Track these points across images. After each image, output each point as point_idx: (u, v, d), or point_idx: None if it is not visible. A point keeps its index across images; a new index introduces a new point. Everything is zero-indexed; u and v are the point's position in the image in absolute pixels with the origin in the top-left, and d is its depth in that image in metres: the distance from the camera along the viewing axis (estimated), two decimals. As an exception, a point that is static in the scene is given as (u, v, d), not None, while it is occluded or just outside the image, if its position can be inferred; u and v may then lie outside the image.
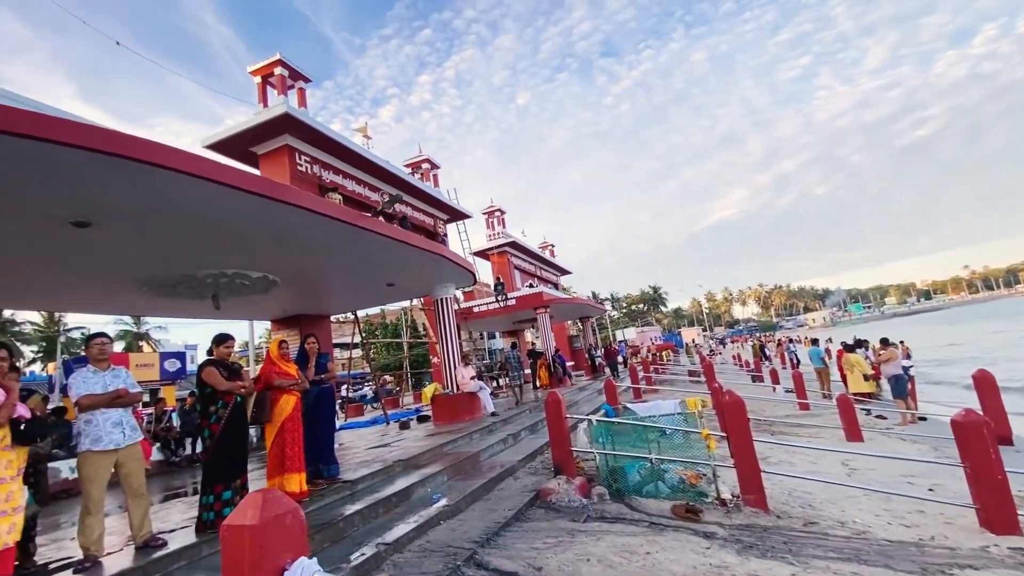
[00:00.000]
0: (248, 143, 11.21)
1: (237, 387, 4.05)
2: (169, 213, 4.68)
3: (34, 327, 31.26)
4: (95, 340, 3.68)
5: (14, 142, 3.14)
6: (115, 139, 3.46)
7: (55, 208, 4.25)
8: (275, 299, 9.01)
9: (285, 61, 11.49)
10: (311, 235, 6.01)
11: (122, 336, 33.72)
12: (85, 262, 5.79)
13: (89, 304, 8.86)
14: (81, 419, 3.43)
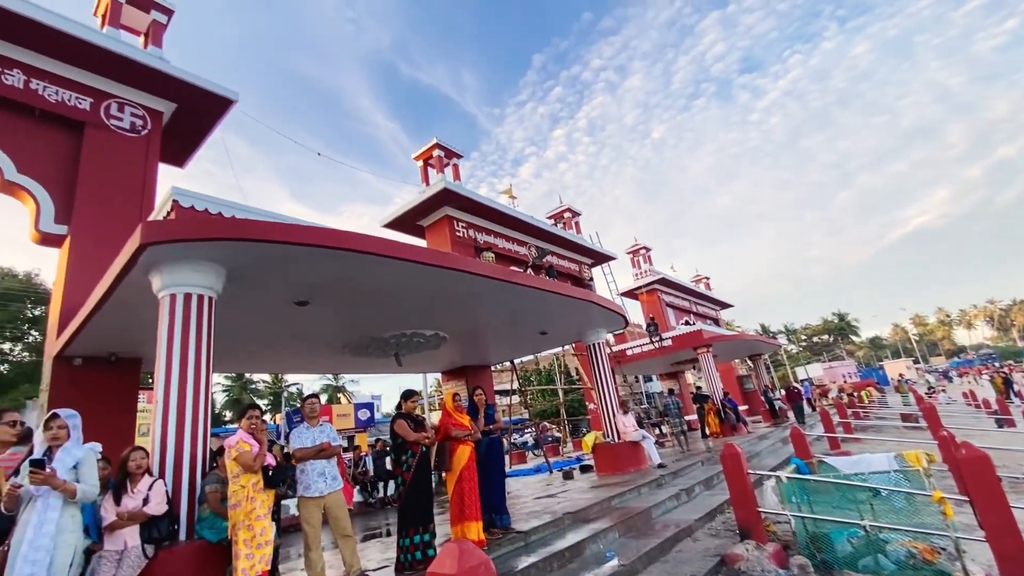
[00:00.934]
0: (416, 218, 12.84)
1: (422, 438, 4.50)
2: (365, 288, 5.56)
3: (265, 384, 38.62)
4: (308, 400, 4.45)
5: (267, 247, 4.10)
6: (331, 235, 4.29)
7: (286, 292, 5.37)
8: (445, 353, 9.90)
9: (441, 144, 13.10)
10: (473, 293, 6.58)
11: (325, 389, 39.86)
12: (302, 332, 7.11)
13: (303, 365, 10.74)
14: (297, 468, 4.15)
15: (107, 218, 6.92)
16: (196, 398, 4.10)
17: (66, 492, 3.12)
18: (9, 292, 23.06)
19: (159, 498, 3.59)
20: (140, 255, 3.97)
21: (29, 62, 6.89)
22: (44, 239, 6.72)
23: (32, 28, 6.68)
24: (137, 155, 7.55)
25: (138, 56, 7.55)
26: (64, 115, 7.06)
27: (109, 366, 6.59)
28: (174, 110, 8.19)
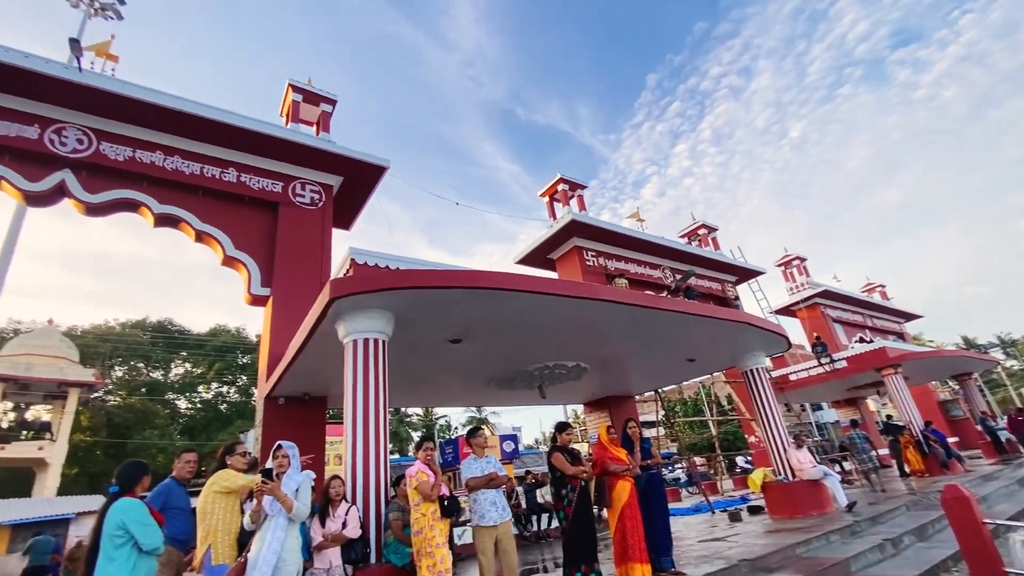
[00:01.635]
0: (546, 251, 13.17)
1: (580, 472, 4.46)
2: (510, 323, 5.81)
3: (418, 417, 41.79)
4: (479, 432, 4.68)
5: (427, 292, 4.53)
6: (480, 277, 4.60)
7: (441, 331, 5.82)
8: (586, 383, 9.81)
9: (565, 178, 13.40)
10: (611, 322, 6.47)
11: (470, 421, 41.79)
12: (454, 368, 7.60)
13: (453, 399, 11.43)
14: (470, 498, 4.34)
15: (297, 279, 8.27)
16: (377, 431, 4.59)
17: (285, 505, 3.64)
18: (225, 345, 28.50)
19: (354, 523, 4.03)
20: (330, 308, 4.65)
21: (240, 160, 8.68)
22: (254, 300, 8.24)
23: (242, 134, 8.44)
24: (316, 224, 8.97)
25: (315, 143, 9.08)
26: (264, 199, 8.71)
27: (303, 404, 7.72)
28: (341, 182, 9.61)
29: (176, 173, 8.01)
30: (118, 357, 25.95)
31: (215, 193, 8.33)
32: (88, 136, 7.54)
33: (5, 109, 7.10)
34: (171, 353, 28.05)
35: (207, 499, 3.87)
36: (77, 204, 7.51)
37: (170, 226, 8.14)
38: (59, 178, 7.30)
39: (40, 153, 7.18)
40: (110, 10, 14.16)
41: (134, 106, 7.66)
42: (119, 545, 2.94)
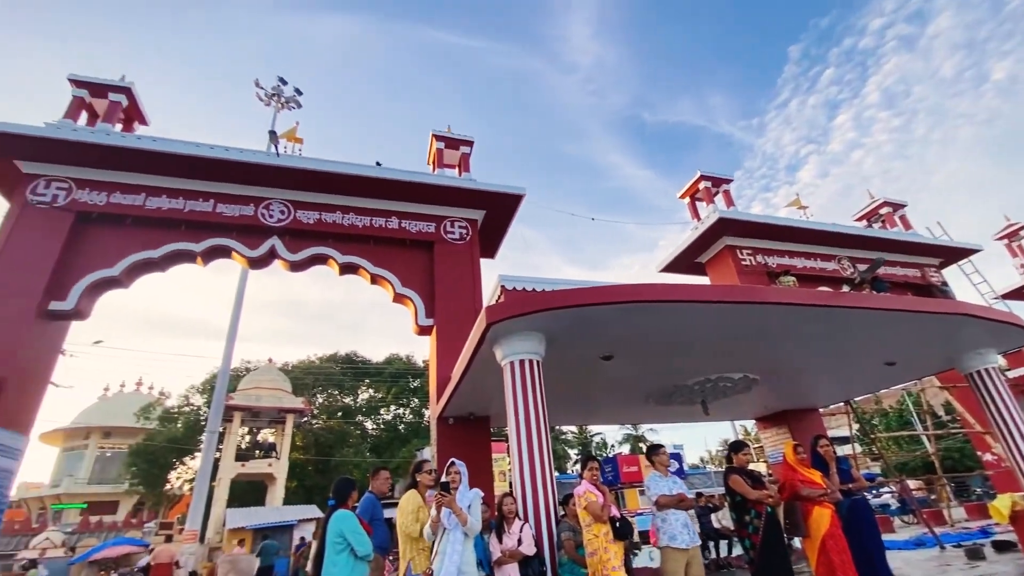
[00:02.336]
0: (692, 256, 12.39)
1: (764, 496, 4.02)
2: (665, 336, 5.56)
3: (572, 435, 41.82)
4: (661, 450, 4.51)
5: (578, 311, 4.59)
6: (630, 291, 4.53)
7: (592, 349, 5.80)
8: (757, 396, 8.88)
9: (706, 175, 12.56)
10: (781, 326, 5.78)
11: (626, 439, 40.53)
12: (607, 385, 7.48)
13: (608, 417, 11.22)
14: (658, 517, 4.14)
15: (454, 309, 8.99)
16: (540, 450, 4.70)
17: (460, 519, 3.87)
18: (398, 371, 31.99)
19: (529, 540, 4.15)
20: (487, 333, 4.96)
21: (399, 209, 9.82)
22: (421, 331, 9.15)
23: (399, 186, 9.57)
24: (466, 257, 9.70)
25: (459, 183, 9.92)
26: (421, 239, 9.70)
27: (469, 423, 8.27)
28: (484, 215, 10.29)
29: (352, 227, 9.37)
30: (319, 387, 30.82)
31: (383, 240, 9.53)
32: (287, 207, 9.23)
33: (231, 195, 9.05)
34: (357, 381, 32.40)
35: (407, 519, 4.22)
36: (283, 263, 9.20)
37: (351, 273, 9.50)
38: (270, 244, 9.04)
39: (256, 226, 8.99)
40: (292, 103, 17.34)
41: (318, 177, 9.19)
42: (339, 551, 3.44)
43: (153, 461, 25.09)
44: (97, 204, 8.30)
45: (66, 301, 7.69)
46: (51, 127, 8.22)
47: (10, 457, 7.09)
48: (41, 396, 7.89)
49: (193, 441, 25.16)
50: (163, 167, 8.63)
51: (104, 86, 9.25)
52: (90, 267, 8.00)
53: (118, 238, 8.32)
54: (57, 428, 31.75)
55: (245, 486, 24.30)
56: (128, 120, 9.67)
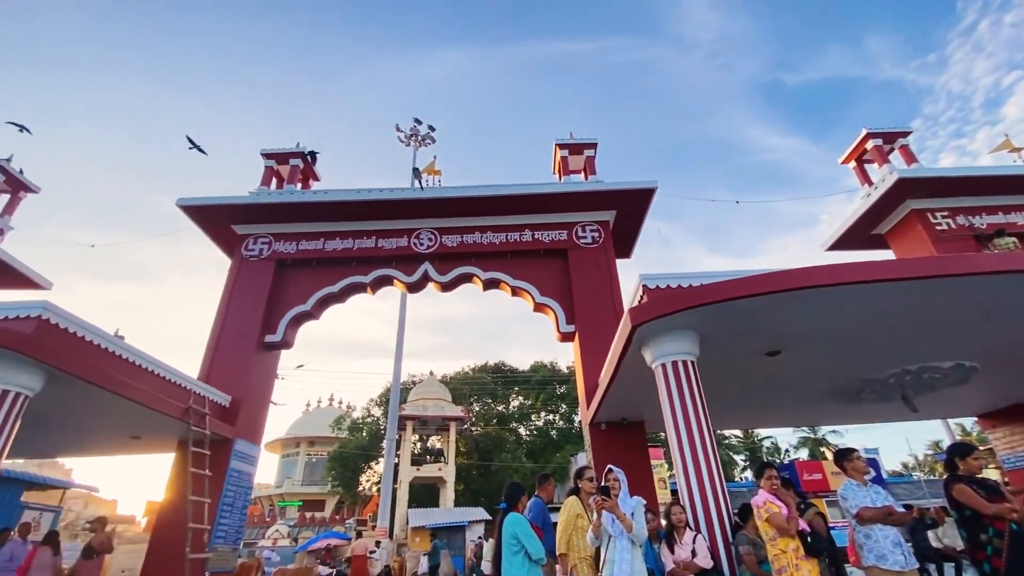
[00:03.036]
0: (867, 227, 10.66)
1: (1007, 510, 3.25)
2: (847, 324, 4.86)
3: (737, 439, 38.40)
4: (854, 455, 3.95)
5: (735, 304, 4.26)
6: (800, 276, 4.06)
7: (754, 345, 5.30)
8: (977, 388, 7.26)
9: (874, 131, 10.75)
10: (1008, 301, 4.65)
11: (803, 443, 35.95)
12: (775, 383, 6.74)
13: (778, 419, 10.06)
14: (860, 532, 3.60)
15: (595, 313, 8.95)
16: (706, 456, 4.42)
17: (625, 525, 3.77)
18: (544, 378, 32.74)
19: (704, 552, 3.92)
20: (633, 335, 4.84)
21: (531, 222, 10.14)
22: (563, 337, 9.27)
23: (529, 200, 9.90)
24: (601, 260, 9.62)
25: (586, 187, 9.92)
26: (555, 248, 9.88)
27: (622, 429, 8.11)
28: (615, 215, 10.11)
29: (490, 245, 9.92)
30: (474, 396, 32.98)
31: (519, 253, 9.91)
32: (434, 234, 10.12)
33: (388, 230, 10.22)
34: (507, 389, 33.95)
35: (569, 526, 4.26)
36: (435, 284, 10.08)
37: (494, 288, 10.04)
38: (423, 269, 9.98)
39: (410, 255, 10.00)
40: (428, 139, 19.00)
41: (457, 203, 9.94)
42: (515, 552, 3.62)
43: (347, 465, 29.10)
44: (290, 252, 10.02)
45: (276, 334, 9.38)
46: (254, 195, 10.17)
47: (249, 463, 8.84)
48: (266, 413, 9.71)
49: (376, 448, 28.63)
50: (334, 214, 10.10)
51: (285, 154, 11.17)
52: (290, 304, 9.66)
53: (307, 278, 9.93)
54: (276, 439, 38.65)
55: (421, 488, 26.87)
56: (305, 179, 11.52)
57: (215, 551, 7.50)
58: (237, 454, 8.33)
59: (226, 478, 7.98)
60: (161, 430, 7.55)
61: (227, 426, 8.14)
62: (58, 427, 7.34)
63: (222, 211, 9.96)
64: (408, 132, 18.62)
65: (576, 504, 4.35)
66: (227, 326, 9.21)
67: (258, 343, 9.19)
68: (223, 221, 10.13)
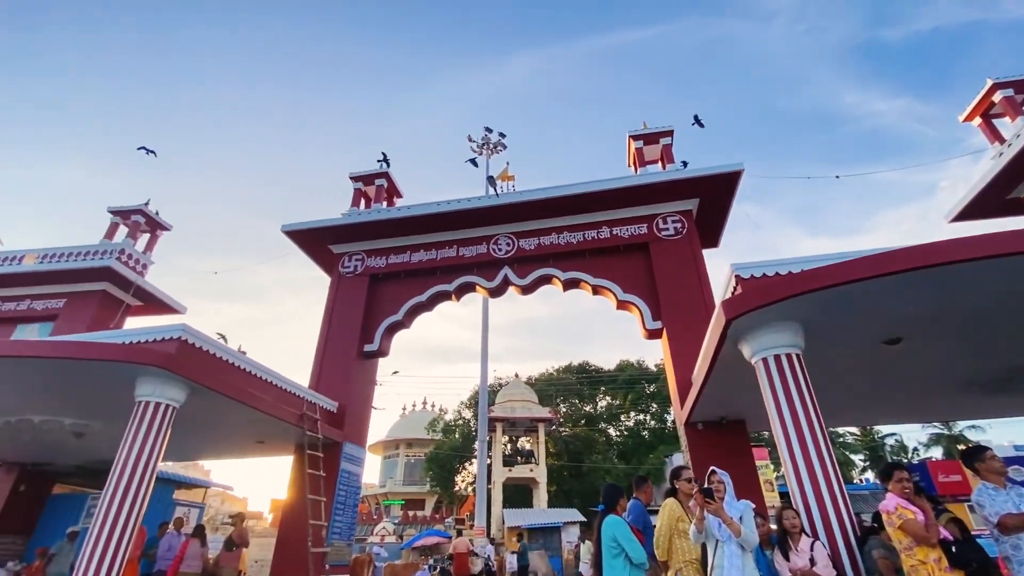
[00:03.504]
0: (1001, 192, 9.32)
1: None
2: (985, 305, 4.26)
3: (854, 436, 34.87)
4: (986, 454, 3.47)
5: (844, 289, 3.89)
6: (918, 254, 3.63)
7: (870, 333, 4.81)
8: None
9: (1002, 81, 9.39)
10: None
11: (935, 440, 31.84)
12: (896, 375, 6.04)
13: (901, 414, 8.99)
14: (1006, 543, 3.15)
15: (683, 307, 8.59)
16: (819, 456, 4.07)
17: (732, 529, 3.56)
18: (631, 377, 31.91)
19: (824, 560, 3.61)
20: (728, 330, 4.58)
21: (607, 218, 9.96)
22: (650, 334, 8.99)
23: (603, 196, 9.74)
24: (685, 251, 9.21)
25: (664, 177, 9.57)
26: (635, 243, 9.62)
27: (721, 428, 7.69)
28: (698, 203, 9.65)
29: (568, 245, 9.88)
30: (560, 397, 32.95)
31: (598, 251, 9.78)
32: (511, 239, 10.28)
33: (468, 239, 10.54)
34: (594, 389, 33.52)
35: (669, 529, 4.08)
36: (516, 288, 10.22)
37: (573, 288, 9.98)
38: (503, 274, 10.17)
39: (489, 261, 10.24)
40: (499, 146, 19.35)
41: (532, 206, 10.03)
42: (615, 555, 3.57)
43: (443, 466, 30.29)
44: (381, 267, 10.67)
45: (373, 343, 10.02)
46: (346, 216, 10.96)
47: (357, 465, 9.51)
48: (368, 417, 10.40)
49: (469, 449, 29.55)
50: (417, 227, 10.61)
51: (371, 175, 11.92)
52: (384, 315, 10.28)
53: (398, 289, 10.52)
54: (378, 441, 41.17)
55: (514, 489, 27.28)
56: (390, 197, 12.22)
57: (332, 546, 8.15)
58: (346, 456, 8.99)
59: (338, 478, 8.65)
60: (281, 435, 8.35)
61: (336, 430, 8.83)
62: (197, 433, 8.37)
63: (319, 233, 10.84)
64: (480, 142, 19.10)
65: (675, 506, 4.18)
66: (330, 338, 10.00)
67: (358, 352, 9.87)
68: (321, 242, 11.02)
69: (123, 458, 5.45)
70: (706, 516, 3.58)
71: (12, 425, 7.26)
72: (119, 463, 5.43)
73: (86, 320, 10.63)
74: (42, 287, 11.28)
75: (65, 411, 7.04)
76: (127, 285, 11.44)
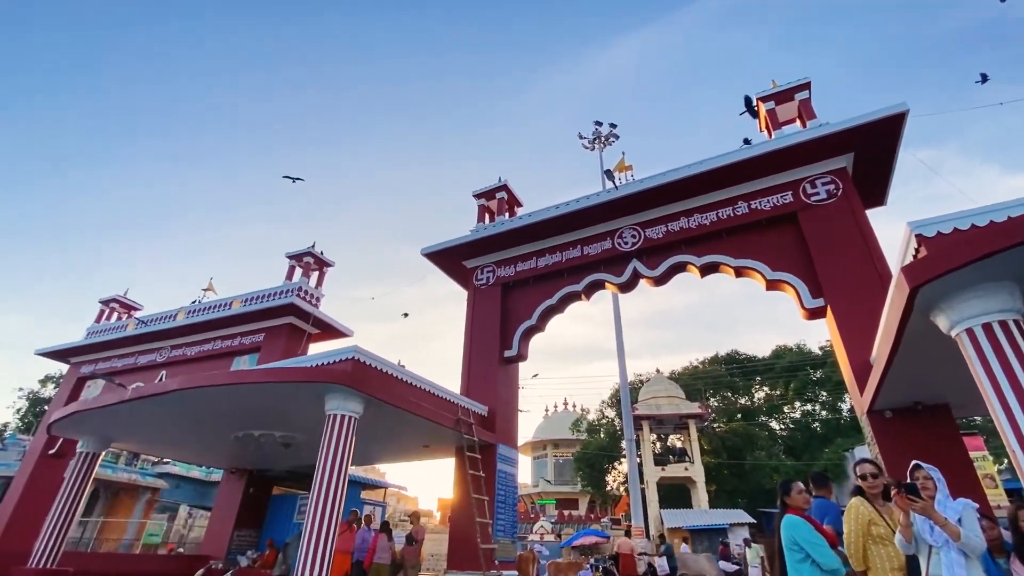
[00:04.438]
0: None
1: None
2: None
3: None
4: None
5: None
6: None
7: None
8: None
9: None
10: None
11: None
12: None
13: None
14: None
15: (849, 279, 7.52)
16: (1070, 445, 3.25)
17: (948, 531, 2.99)
18: (792, 364, 28.63)
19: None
20: (913, 300, 3.90)
21: (742, 192, 9.14)
22: (811, 314, 8.01)
23: (734, 169, 8.97)
24: (844, 214, 8.06)
25: (804, 136, 8.50)
26: (779, 214, 8.68)
27: (917, 415, 6.53)
28: (852, 159, 8.39)
29: (700, 227, 9.28)
30: (709, 390, 30.81)
31: (737, 229, 9.02)
32: (637, 230, 9.97)
33: (591, 236, 10.46)
34: (747, 380, 30.75)
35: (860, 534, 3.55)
36: (647, 280, 9.87)
37: (713, 272, 9.33)
38: (632, 267, 9.90)
39: (616, 255, 10.04)
40: (611, 137, 18.93)
41: (655, 192, 9.63)
42: (799, 560, 3.24)
43: (592, 465, 30.23)
44: (510, 275, 11.10)
45: (512, 349, 10.44)
46: (474, 232, 11.62)
47: (511, 465, 9.96)
48: (516, 420, 10.84)
49: (616, 448, 29.09)
50: (540, 233, 10.84)
51: (492, 190, 12.48)
52: (519, 321, 10.66)
53: (528, 295, 10.84)
54: (526, 442, 42.61)
55: (670, 489, 26.16)
56: (511, 207, 12.67)
57: (499, 542, 8.63)
58: (501, 457, 9.48)
59: (496, 478, 9.15)
60: (442, 439, 9.11)
61: (489, 433, 9.36)
62: (374, 440, 9.50)
63: (453, 251, 11.65)
64: (591, 136, 18.88)
65: (863, 507, 3.62)
66: (473, 347, 10.66)
67: (500, 358, 10.37)
68: (455, 259, 11.83)
69: (323, 463, 6.41)
70: (913, 520, 3.08)
71: (240, 439, 8.97)
72: (320, 467, 6.40)
73: (279, 349, 12.73)
74: (246, 325, 13.79)
75: (276, 426, 8.50)
76: (306, 317, 13.46)
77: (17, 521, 12.80)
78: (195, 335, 14.25)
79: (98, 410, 8.07)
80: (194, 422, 8.50)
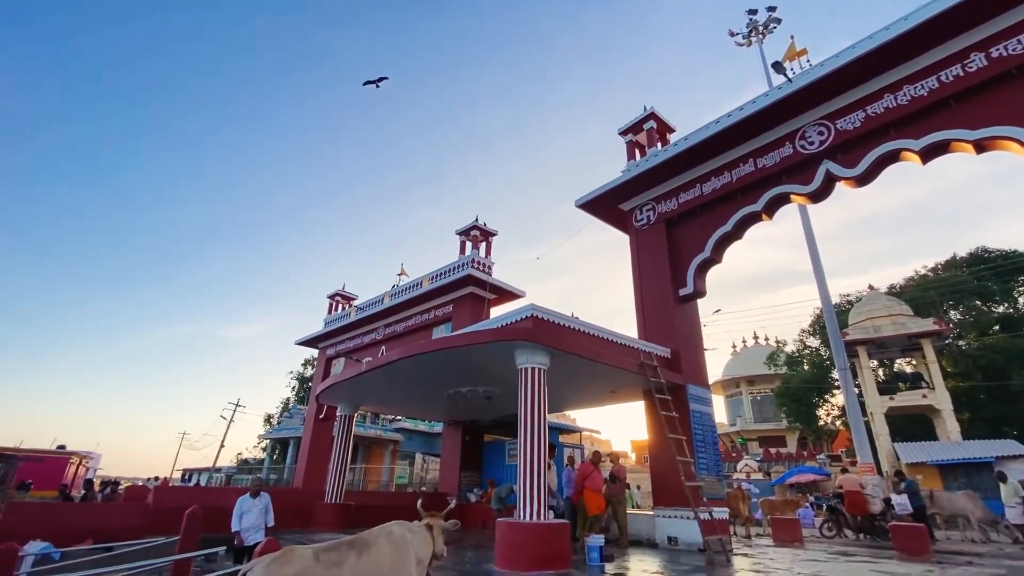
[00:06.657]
0: None
1: None
2: None
3: None
4: None
5: None
6: None
7: None
8: None
9: None
10: None
11: None
12: None
13: None
14: None
15: None
16: None
17: None
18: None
19: None
20: None
21: (979, 39, 6.98)
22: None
23: (959, 10, 6.85)
24: None
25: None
26: (1041, 55, 6.43)
27: None
28: None
29: (914, 101, 7.41)
30: (948, 301, 25.02)
31: (969, 92, 6.99)
32: (823, 125, 8.39)
33: (763, 146, 9.14)
34: (1005, 283, 24.12)
35: None
36: (847, 182, 8.31)
37: (939, 155, 7.44)
38: (823, 171, 8.41)
39: (800, 160, 8.62)
40: (771, 24, 16.03)
41: (843, 73, 7.94)
42: None
43: (797, 401, 27.43)
44: (673, 209, 10.39)
45: (687, 286, 9.88)
46: (627, 171, 11.10)
47: (705, 404, 9.60)
48: (702, 359, 10.34)
49: (825, 380, 25.87)
50: (700, 155, 9.86)
51: (638, 122, 11.69)
52: (690, 256, 10.00)
53: (697, 226, 10.05)
54: (716, 381, 40.54)
55: (903, 420, 22.43)
56: (662, 136, 11.73)
57: (704, 480, 8.49)
58: (692, 396, 9.20)
59: (690, 418, 8.94)
60: (628, 383, 9.18)
61: (675, 374, 9.12)
62: (563, 388, 10.01)
63: (607, 197, 11.32)
64: (745, 30, 16.20)
65: None
66: (644, 290, 10.37)
67: (675, 298, 9.91)
68: (611, 204, 11.50)
69: (523, 411, 7.02)
70: None
71: (451, 396, 10.31)
72: (521, 415, 7.02)
73: (467, 316, 14.10)
74: (436, 299, 15.54)
75: (478, 382, 9.53)
76: (483, 284, 14.60)
77: (309, 470, 16.90)
78: (400, 313, 16.62)
79: (344, 382, 10.06)
80: (414, 385, 10.01)
